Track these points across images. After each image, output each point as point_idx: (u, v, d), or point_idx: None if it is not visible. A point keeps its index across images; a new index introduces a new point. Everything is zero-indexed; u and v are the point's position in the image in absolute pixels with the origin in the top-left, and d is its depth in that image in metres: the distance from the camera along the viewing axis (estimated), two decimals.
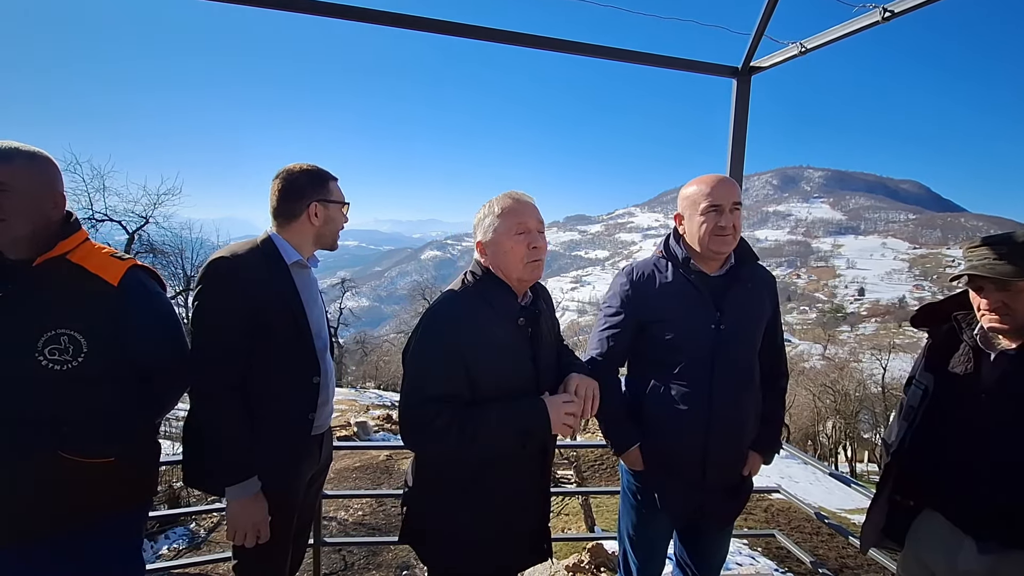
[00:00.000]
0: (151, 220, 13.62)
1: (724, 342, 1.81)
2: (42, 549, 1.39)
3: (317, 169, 1.79)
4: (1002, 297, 1.41)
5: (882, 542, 1.77)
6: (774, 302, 1.97)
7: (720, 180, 1.83)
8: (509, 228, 1.50)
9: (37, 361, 1.32)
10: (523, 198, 1.55)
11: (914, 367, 1.75)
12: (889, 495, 1.72)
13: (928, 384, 1.63)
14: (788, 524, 8.27)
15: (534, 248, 1.50)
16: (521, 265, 1.51)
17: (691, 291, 1.84)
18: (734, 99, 2.99)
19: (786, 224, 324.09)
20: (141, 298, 1.50)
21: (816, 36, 2.70)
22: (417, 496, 1.64)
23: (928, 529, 1.65)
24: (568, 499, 9.95)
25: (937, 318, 1.70)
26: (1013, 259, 1.40)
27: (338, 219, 1.83)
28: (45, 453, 1.36)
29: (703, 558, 2.07)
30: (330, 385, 1.85)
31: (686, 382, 1.82)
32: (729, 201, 1.79)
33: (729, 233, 1.79)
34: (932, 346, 1.68)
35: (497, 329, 1.50)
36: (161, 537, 7.17)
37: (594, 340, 1.98)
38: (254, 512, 1.60)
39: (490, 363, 1.48)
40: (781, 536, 3.28)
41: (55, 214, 1.43)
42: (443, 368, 1.45)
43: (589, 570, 4.84)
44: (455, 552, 1.58)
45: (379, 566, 5.96)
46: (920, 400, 1.64)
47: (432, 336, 1.48)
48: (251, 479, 1.59)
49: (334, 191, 1.81)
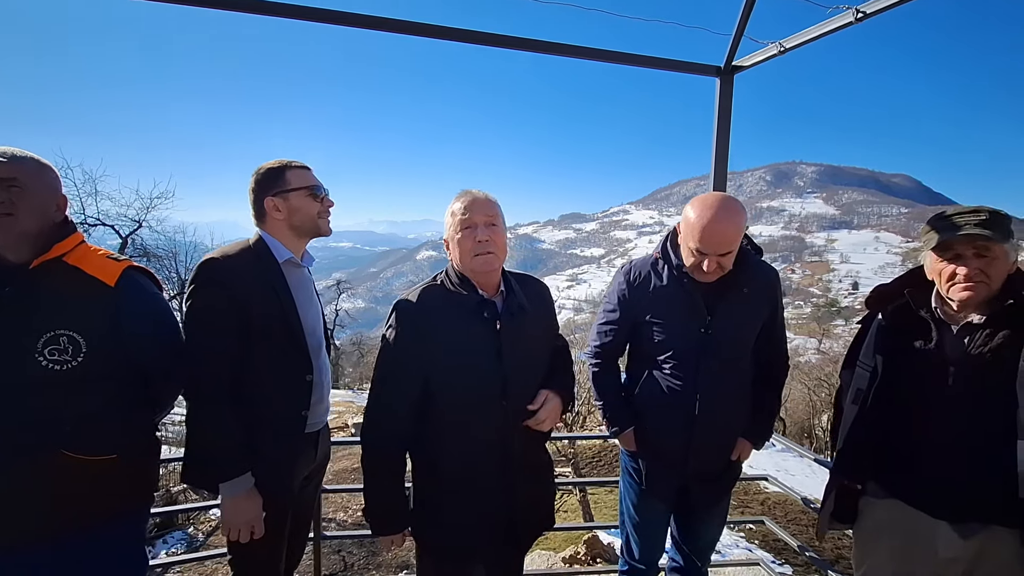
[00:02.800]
0: (144, 224, 13.57)
1: (711, 346, 1.86)
2: (46, 548, 1.41)
3: (272, 165, 1.78)
4: (980, 264, 1.40)
5: (832, 526, 1.77)
6: (774, 301, 1.99)
7: (711, 228, 1.72)
8: (458, 224, 1.58)
9: (37, 362, 1.35)
10: (472, 194, 1.60)
11: (853, 350, 1.73)
12: (837, 479, 1.73)
13: (876, 365, 1.61)
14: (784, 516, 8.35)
15: (479, 242, 1.55)
16: (469, 258, 1.56)
17: (683, 296, 1.89)
18: (717, 97, 3.05)
19: (780, 219, 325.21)
20: (138, 298, 1.53)
21: (794, 36, 2.76)
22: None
23: (891, 520, 1.63)
24: (567, 496, 10.01)
25: (888, 299, 1.67)
26: (993, 225, 1.39)
27: (305, 206, 1.77)
28: (47, 453, 1.38)
29: (696, 538, 2.18)
30: (324, 383, 1.87)
31: (673, 379, 1.92)
32: (715, 253, 1.75)
33: (712, 273, 1.79)
34: (883, 326, 1.65)
35: (459, 323, 1.57)
36: (159, 542, 7.18)
37: (594, 332, 2.15)
38: (248, 509, 1.63)
39: (452, 356, 1.55)
40: (770, 523, 3.34)
41: (57, 216, 1.47)
42: (402, 369, 1.57)
43: (586, 561, 4.90)
44: (428, 527, 1.66)
45: (379, 566, 6.00)
46: (869, 382, 1.62)
47: (395, 330, 1.57)
48: (244, 476, 1.62)
49: (292, 180, 1.76)
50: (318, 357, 1.82)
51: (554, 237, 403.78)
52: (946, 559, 1.51)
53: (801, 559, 5.12)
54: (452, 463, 1.61)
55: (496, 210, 1.60)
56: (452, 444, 1.61)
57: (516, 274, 1.76)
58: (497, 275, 1.65)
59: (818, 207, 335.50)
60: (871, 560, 1.70)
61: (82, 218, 12.54)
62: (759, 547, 5.83)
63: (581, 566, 4.76)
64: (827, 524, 1.78)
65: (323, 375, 1.87)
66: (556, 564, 4.89)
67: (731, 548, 5.73)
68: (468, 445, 1.60)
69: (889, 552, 1.64)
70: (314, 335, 1.82)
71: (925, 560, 1.56)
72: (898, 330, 1.61)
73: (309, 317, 1.80)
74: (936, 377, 1.51)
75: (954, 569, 1.52)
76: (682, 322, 1.90)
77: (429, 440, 1.63)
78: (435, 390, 1.58)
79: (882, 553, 1.66)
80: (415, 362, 1.56)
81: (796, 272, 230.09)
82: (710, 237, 1.73)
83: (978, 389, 1.44)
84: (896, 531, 1.62)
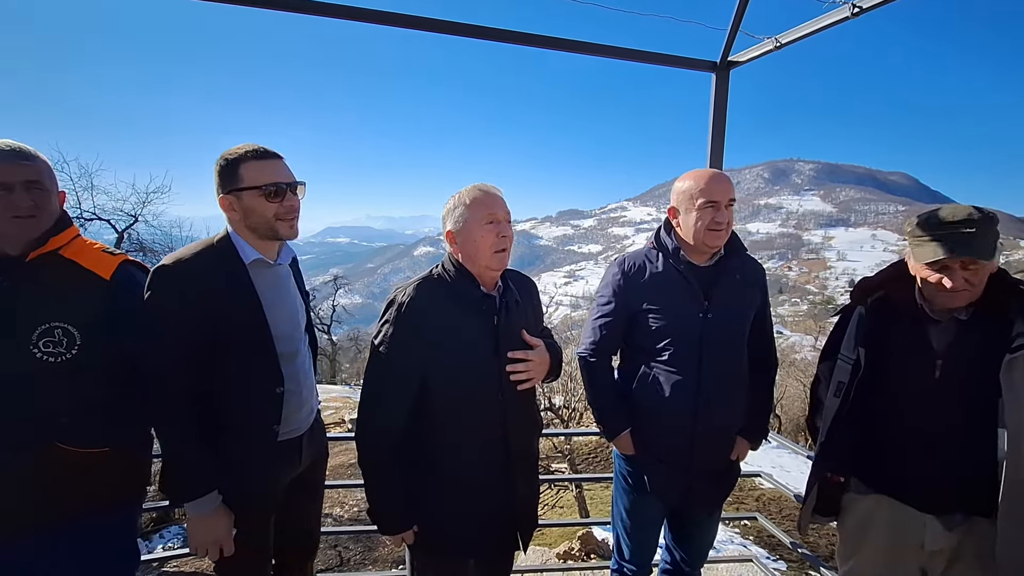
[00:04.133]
0: (140, 219, 13.48)
1: (711, 330, 1.84)
2: (40, 539, 1.41)
3: (230, 155, 1.56)
4: (966, 275, 1.41)
5: (813, 520, 1.78)
6: (763, 293, 2.01)
7: (715, 176, 1.84)
8: (479, 218, 1.55)
9: (32, 354, 1.35)
10: (491, 190, 1.60)
11: (832, 342, 1.73)
12: (820, 473, 1.73)
13: (859, 357, 1.60)
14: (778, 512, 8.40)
15: (503, 237, 1.55)
16: (490, 254, 1.55)
17: (680, 281, 1.88)
18: (713, 93, 3.04)
19: (777, 217, 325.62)
20: (133, 292, 1.52)
21: (790, 31, 2.75)
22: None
23: (876, 515, 1.63)
24: (563, 492, 10.05)
25: (872, 292, 1.68)
26: (982, 236, 1.38)
27: (259, 207, 1.56)
28: (42, 445, 1.39)
29: (691, 542, 2.13)
30: (301, 391, 1.73)
31: (675, 370, 1.87)
32: (725, 197, 1.82)
33: (723, 228, 1.83)
34: (867, 319, 1.65)
35: (458, 317, 1.56)
36: (155, 536, 7.18)
37: (587, 329, 2.05)
38: (214, 527, 1.54)
39: (450, 352, 1.54)
40: (764, 519, 3.36)
41: (58, 210, 1.48)
42: (398, 366, 1.54)
43: (580, 557, 4.92)
44: (422, 522, 1.65)
45: (375, 561, 6.01)
46: (851, 375, 1.62)
47: (391, 326, 1.55)
48: (210, 495, 1.53)
49: (244, 176, 1.54)
50: (291, 363, 1.69)
51: (552, 233, 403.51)
52: (931, 552, 1.52)
53: (794, 555, 5.15)
54: (448, 458, 1.61)
55: (508, 207, 1.62)
56: (448, 439, 1.60)
57: (508, 270, 1.75)
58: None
59: (815, 205, 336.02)
60: (857, 556, 1.71)
61: (78, 212, 12.46)
62: (753, 543, 5.86)
63: (575, 561, 4.78)
64: (809, 517, 1.78)
65: (299, 382, 1.72)
66: (551, 560, 4.91)
67: (725, 544, 5.76)
68: (465, 440, 1.60)
69: (875, 547, 1.65)
70: (288, 340, 1.69)
71: (911, 554, 1.57)
72: (883, 322, 1.61)
73: (281, 321, 1.66)
74: (922, 369, 1.52)
75: (938, 561, 1.53)
76: (681, 307, 1.87)
77: (425, 435, 1.62)
78: (432, 385, 1.57)
79: (868, 548, 1.67)
80: (411, 358, 1.54)
81: (793, 269, 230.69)
82: (716, 183, 1.83)
83: (964, 381, 1.46)
84: (881, 526, 1.63)
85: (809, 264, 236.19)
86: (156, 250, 14.10)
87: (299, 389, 1.72)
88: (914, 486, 1.55)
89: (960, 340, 1.47)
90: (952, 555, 1.51)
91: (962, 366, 1.46)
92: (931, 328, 1.53)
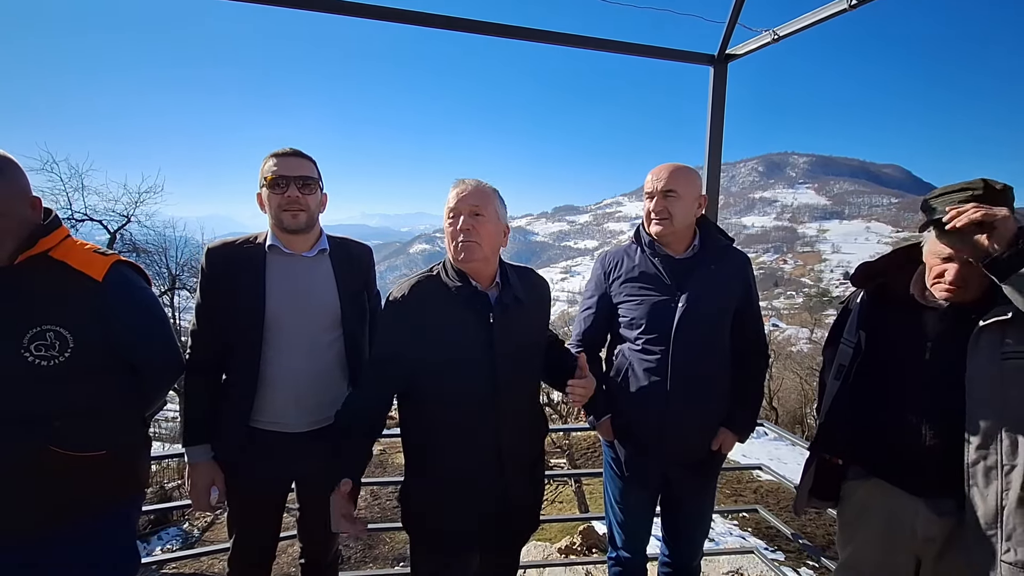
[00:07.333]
0: (133, 219, 13.38)
1: (683, 320, 1.89)
2: (35, 544, 1.40)
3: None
4: (965, 271, 1.43)
5: (810, 503, 1.79)
6: (747, 283, 2.02)
7: (657, 168, 1.94)
8: (446, 214, 1.58)
9: (24, 357, 1.33)
10: (463, 184, 1.59)
11: (837, 327, 1.75)
12: (817, 453, 1.75)
13: (860, 340, 1.63)
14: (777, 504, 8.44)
15: (461, 230, 1.53)
16: (453, 248, 1.56)
17: (654, 272, 1.97)
18: (711, 86, 3.03)
19: (772, 210, 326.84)
20: (126, 293, 1.50)
21: (788, 24, 2.74)
22: None
23: (871, 502, 1.65)
24: (562, 487, 10.08)
25: (872, 276, 1.70)
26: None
27: (270, 199, 1.75)
28: (36, 449, 1.37)
29: (681, 532, 2.16)
30: (298, 386, 1.78)
31: (648, 357, 1.93)
32: (657, 187, 1.91)
33: (656, 217, 1.92)
34: (866, 302, 1.68)
35: (451, 315, 1.55)
36: (154, 538, 7.17)
37: (576, 322, 2.19)
38: (204, 473, 1.77)
39: (437, 347, 1.54)
40: (764, 511, 3.37)
41: (34, 215, 1.42)
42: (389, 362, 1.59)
43: (581, 551, 4.94)
44: (421, 519, 1.67)
45: (376, 558, 6.03)
46: (852, 358, 1.65)
47: (382, 316, 1.62)
48: (201, 446, 1.78)
49: (263, 172, 1.76)
50: (292, 354, 1.76)
51: (548, 229, 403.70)
52: (924, 539, 1.54)
53: (794, 546, 5.18)
54: (443, 456, 1.60)
55: (484, 199, 1.56)
56: (442, 437, 1.60)
57: (516, 267, 1.73)
58: (488, 266, 1.61)
59: (810, 197, 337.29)
60: (854, 544, 1.73)
61: (68, 214, 12.35)
62: (752, 535, 5.90)
63: (576, 556, 4.79)
64: (806, 500, 1.79)
65: (297, 376, 1.78)
66: (552, 555, 4.92)
67: (725, 536, 5.79)
68: (458, 438, 1.59)
69: (870, 535, 1.67)
70: (290, 331, 1.76)
71: (904, 541, 1.58)
72: (881, 306, 1.65)
73: (283, 309, 1.75)
74: (913, 351, 1.54)
75: (931, 549, 1.54)
76: (652, 295, 1.95)
77: (420, 432, 1.63)
78: (425, 383, 1.56)
79: (863, 537, 1.69)
80: (388, 343, 1.57)
81: (788, 262, 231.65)
82: (654, 173, 1.94)
83: (954, 364, 1.46)
84: (876, 513, 1.65)
85: (804, 257, 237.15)
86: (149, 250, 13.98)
87: (295, 383, 1.78)
88: (904, 467, 1.57)
89: (950, 325, 1.49)
90: (944, 544, 1.52)
91: (951, 349, 1.47)
92: (924, 313, 1.55)
